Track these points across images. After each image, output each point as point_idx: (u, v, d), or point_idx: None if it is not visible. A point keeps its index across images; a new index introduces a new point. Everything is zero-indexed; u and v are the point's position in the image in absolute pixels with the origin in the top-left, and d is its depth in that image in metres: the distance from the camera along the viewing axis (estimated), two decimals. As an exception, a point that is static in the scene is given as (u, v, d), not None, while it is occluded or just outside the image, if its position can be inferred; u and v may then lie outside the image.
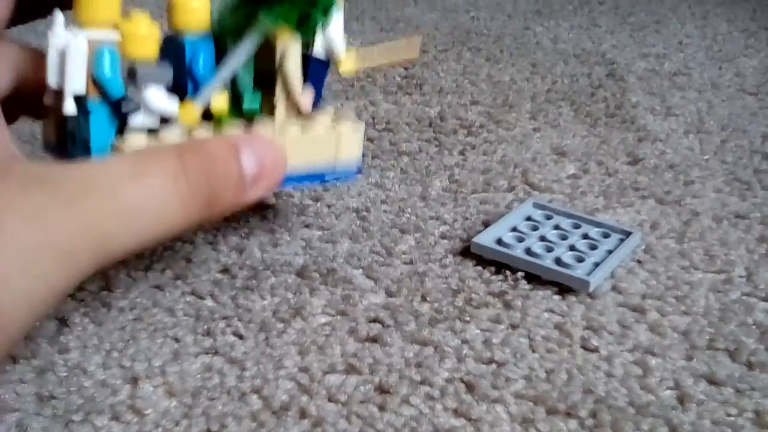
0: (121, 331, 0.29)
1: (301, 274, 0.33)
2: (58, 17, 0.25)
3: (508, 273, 0.32)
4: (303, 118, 0.29)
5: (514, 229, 0.35)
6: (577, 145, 0.46)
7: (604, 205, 0.39)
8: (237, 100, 0.29)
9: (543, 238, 0.34)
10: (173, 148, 0.23)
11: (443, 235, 0.36)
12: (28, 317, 0.20)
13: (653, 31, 0.71)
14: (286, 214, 0.38)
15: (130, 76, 0.26)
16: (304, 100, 0.29)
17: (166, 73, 0.27)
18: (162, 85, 0.27)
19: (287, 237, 0.36)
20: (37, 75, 0.27)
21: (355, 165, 0.31)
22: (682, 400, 0.26)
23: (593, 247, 0.34)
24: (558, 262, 0.32)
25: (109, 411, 0.25)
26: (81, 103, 0.26)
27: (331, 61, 0.30)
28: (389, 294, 0.32)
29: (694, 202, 0.39)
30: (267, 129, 0.29)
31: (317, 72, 0.30)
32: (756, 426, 0.25)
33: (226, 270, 0.33)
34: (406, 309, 0.30)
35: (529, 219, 0.36)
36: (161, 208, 0.22)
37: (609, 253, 0.33)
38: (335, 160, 0.30)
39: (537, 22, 0.74)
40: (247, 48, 0.27)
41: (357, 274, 0.33)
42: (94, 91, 0.26)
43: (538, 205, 0.37)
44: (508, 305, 0.31)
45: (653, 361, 0.28)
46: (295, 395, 0.26)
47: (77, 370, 0.27)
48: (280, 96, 0.29)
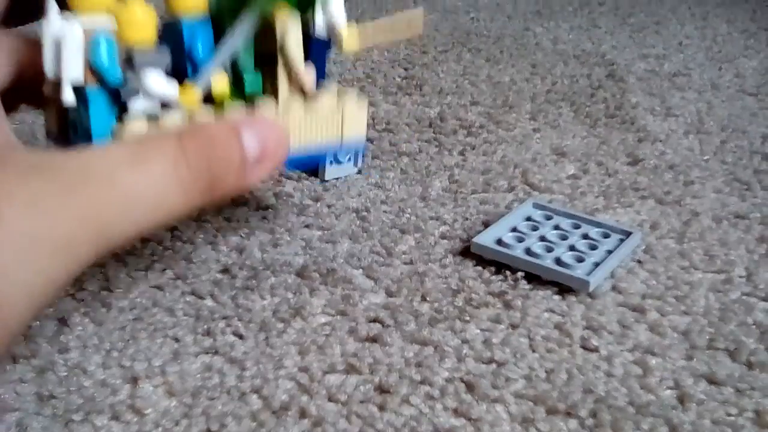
0: (121, 331, 0.29)
1: (301, 274, 0.33)
2: (52, 5, 0.25)
3: (508, 273, 0.32)
4: (306, 97, 0.29)
5: (514, 230, 0.35)
6: (577, 145, 0.46)
7: (604, 205, 0.39)
8: (238, 83, 0.29)
9: (543, 239, 0.34)
10: (173, 133, 0.23)
11: (443, 236, 0.36)
12: (29, 310, 0.20)
13: (653, 32, 0.71)
14: (286, 214, 0.38)
15: (128, 62, 0.26)
16: (307, 78, 0.29)
17: (165, 58, 0.26)
18: (161, 69, 0.26)
19: (287, 237, 0.36)
20: (36, 65, 0.26)
21: (361, 143, 0.31)
22: (682, 399, 0.26)
23: (593, 247, 0.34)
24: (558, 262, 0.32)
25: (109, 411, 0.25)
26: (80, 91, 0.26)
27: (332, 40, 0.29)
28: (389, 294, 0.32)
29: (693, 203, 0.39)
30: (270, 109, 0.28)
31: (319, 51, 0.29)
32: (756, 425, 0.25)
33: (226, 270, 0.33)
34: (406, 309, 0.30)
35: (529, 219, 0.36)
36: (162, 194, 0.22)
37: (609, 253, 0.33)
38: (340, 138, 0.30)
39: (537, 23, 0.74)
40: (245, 28, 0.27)
41: (357, 274, 0.33)
42: (92, 79, 0.25)
43: (538, 206, 0.37)
44: (508, 305, 0.31)
45: (653, 361, 0.28)
46: (295, 395, 0.26)
47: (77, 370, 0.27)
48: (282, 76, 0.29)
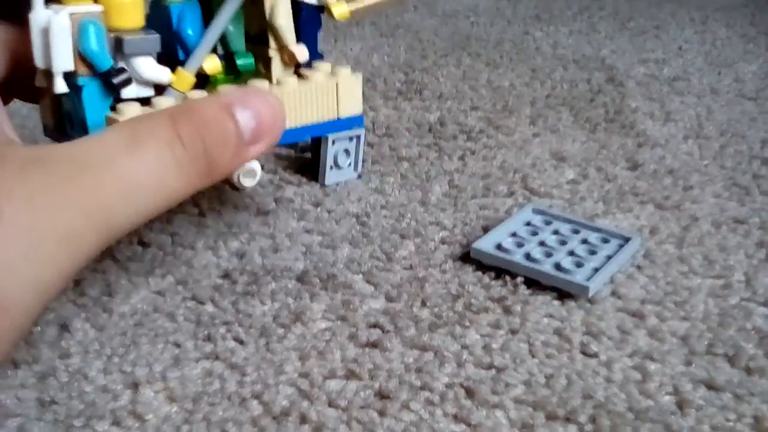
0: (122, 337, 0.29)
1: (302, 279, 0.33)
2: None
3: (507, 278, 0.33)
4: (300, 70, 0.29)
5: (514, 235, 0.35)
6: (576, 150, 0.46)
7: (603, 210, 0.39)
8: (231, 64, 0.29)
9: (542, 244, 0.34)
10: (165, 114, 0.23)
11: (443, 241, 0.36)
12: (36, 305, 0.20)
13: (652, 37, 0.72)
14: (286, 220, 0.38)
15: (117, 47, 0.25)
16: (299, 49, 0.29)
17: (154, 41, 0.26)
18: (151, 53, 0.26)
19: (288, 242, 0.36)
20: (29, 57, 0.26)
21: (359, 121, 0.31)
22: (681, 405, 0.26)
23: (593, 252, 0.34)
24: (557, 267, 0.32)
25: (110, 416, 0.25)
26: (71, 80, 0.25)
27: (322, 13, 0.29)
28: (389, 299, 0.32)
29: (693, 208, 0.39)
30: (264, 85, 0.28)
31: (310, 18, 0.29)
32: (755, 431, 0.25)
33: (226, 275, 0.33)
34: (406, 314, 0.31)
35: (528, 224, 0.36)
36: (160, 177, 0.22)
37: (608, 258, 0.33)
38: (336, 111, 0.30)
39: (536, 28, 0.74)
40: (233, 5, 0.27)
41: (357, 280, 0.33)
42: (83, 66, 0.25)
43: (537, 211, 0.37)
44: (507, 310, 0.31)
45: (652, 367, 0.28)
46: (295, 400, 0.26)
47: (78, 376, 0.27)
48: (274, 50, 0.29)
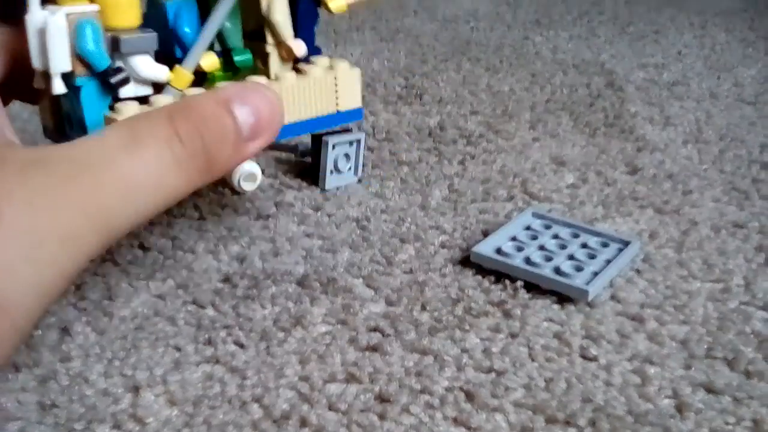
0: (122, 340, 0.29)
1: (302, 283, 0.33)
2: None
3: (507, 282, 0.33)
4: (298, 65, 0.29)
5: (514, 239, 0.35)
6: (576, 154, 0.46)
7: (603, 214, 0.39)
8: (229, 61, 0.29)
9: (542, 248, 0.34)
10: (163, 112, 0.22)
11: (443, 245, 0.36)
12: (37, 306, 0.20)
13: (652, 41, 0.72)
14: (286, 224, 0.38)
15: (114, 47, 0.25)
16: (297, 44, 0.29)
17: (151, 40, 0.26)
18: (148, 51, 0.26)
19: (288, 246, 0.36)
20: (27, 59, 0.26)
21: (357, 110, 0.31)
22: (681, 409, 0.26)
23: (592, 256, 0.34)
24: (557, 271, 0.32)
25: (110, 420, 0.25)
26: (69, 81, 0.25)
27: (320, 3, 0.29)
28: (389, 303, 0.32)
29: (692, 212, 0.39)
30: (262, 80, 0.28)
31: (307, 13, 0.29)
32: (754, 435, 0.25)
33: (227, 279, 0.33)
34: (406, 318, 0.31)
35: (528, 228, 0.36)
36: (160, 176, 0.22)
37: (608, 262, 0.33)
38: (336, 105, 0.30)
39: (536, 33, 0.75)
40: (229, 1, 0.26)
41: (357, 284, 0.33)
42: (81, 66, 0.25)
43: (537, 215, 0.37)
44: (507, 314, 0.31)
45: (652, 370, 0.28)
46: (295, 404, 0.26)
47: (79, 379, 0.27)
48: (271, 46, 0.29)
